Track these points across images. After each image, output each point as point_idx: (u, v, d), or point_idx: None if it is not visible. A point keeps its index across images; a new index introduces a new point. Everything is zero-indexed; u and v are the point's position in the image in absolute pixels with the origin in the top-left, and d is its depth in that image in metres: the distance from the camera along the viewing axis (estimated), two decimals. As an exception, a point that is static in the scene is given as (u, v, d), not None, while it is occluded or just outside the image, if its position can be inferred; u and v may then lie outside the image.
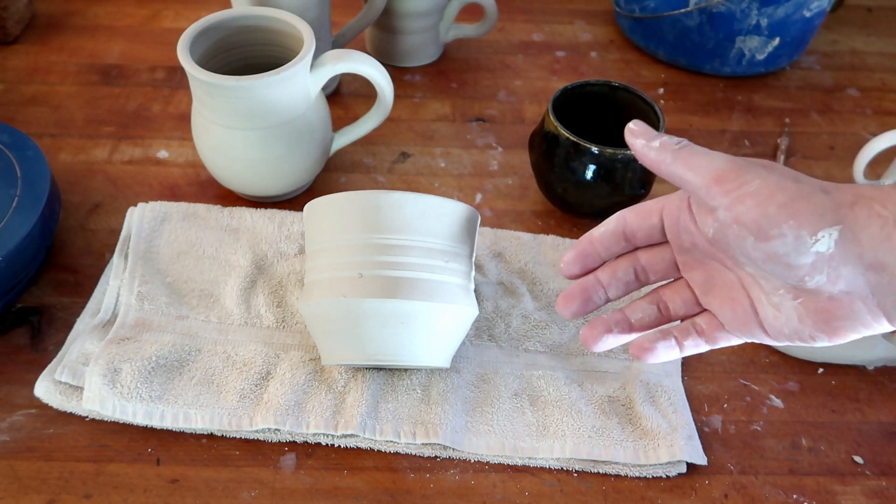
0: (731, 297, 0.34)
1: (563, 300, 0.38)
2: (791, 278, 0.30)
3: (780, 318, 0.32)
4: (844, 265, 0.29)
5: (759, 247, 0.30)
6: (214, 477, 0.42)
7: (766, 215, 0.29)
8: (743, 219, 0.30)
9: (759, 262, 0.31)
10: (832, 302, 0.30)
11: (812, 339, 0.32)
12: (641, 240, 0.37)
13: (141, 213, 0.54)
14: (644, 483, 0.43)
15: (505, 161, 0.64)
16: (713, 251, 0.34)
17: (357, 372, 0.46)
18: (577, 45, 0.78)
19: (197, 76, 0.48)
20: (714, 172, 0.31)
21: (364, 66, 0.53)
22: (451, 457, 0.44)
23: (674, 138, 0.33)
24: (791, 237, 0.29)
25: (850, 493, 0.43)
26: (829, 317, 0.31)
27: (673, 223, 0.35)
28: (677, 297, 0.37)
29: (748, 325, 0.34)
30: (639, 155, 0.34)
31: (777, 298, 0.32)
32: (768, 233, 0.29)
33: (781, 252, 0.30)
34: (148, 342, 0.46)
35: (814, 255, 0.29)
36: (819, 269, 0.29)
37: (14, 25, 0.71)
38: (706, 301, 0.35)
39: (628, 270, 0.37)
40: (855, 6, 0.86)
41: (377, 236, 0.41)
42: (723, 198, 0.31)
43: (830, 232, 0.29)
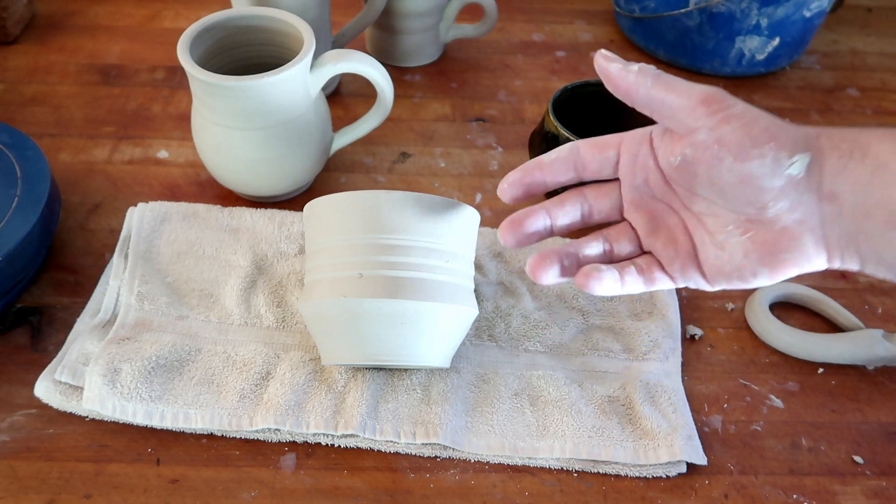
0: (673, 238, 0.35)
1: (508, 226, 0.36)
2: (754, 205, 0.32)
3: (723, 257, 0.33)
4: (807, 192, 0.31)
5: (735, 168, 0.31)
6: (214, 477, 0.42)
7: (750, 136, 0.31)
8: (727, 139, 0.31)
9: (726, 188, 0.32)
10: (783, 233, 0.32)
11: (753, 275, 0.33)
12: (591, 173, 0.37)
13: (141, 213, 0.54)
14: (644, 483, 0.43)
15: (505, 161, 0.64)
16: (664, 190, 0.35)
17: (357, 372, 0.46)
18: (577, 45, 0.78)
19: (197, 76, 0.48)
20: (700, 95, 0.32)
21: (364, 66, 0.53)
22: (451, 457, 0.44)
23: (650, 66, 0.34)
24: (770, 158, 0.31)
25: (850, 493, 0.43)
26: (776, 249, 0.32)
27: (630, 157, 0.36)
28: (622, 237, 0.37)
29: (687, 267, 0.35)
30: (614, 79, 0.34)
31: (723, 236, 0.33)
32: (750, 153, 0.31)
33: (757, 174, 0.31)
34: (148, 342, 0.46)
35: (786, 178, 0.31)
36: (786, 193, 0.31)
37: (14, 25, 0.71)
38: (648, 243, 0.36)
39: (575, 204, 0.37)
40: (855, 6, 0.86)
41: (377, 236, 0.41)
42: (707, 118, 0.32)
43: (803, 157, 0.31)
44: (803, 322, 0.52)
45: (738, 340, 0.51)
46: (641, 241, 0.37)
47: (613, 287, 0.35)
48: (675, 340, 0.50)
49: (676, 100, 0.32)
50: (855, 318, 0.51)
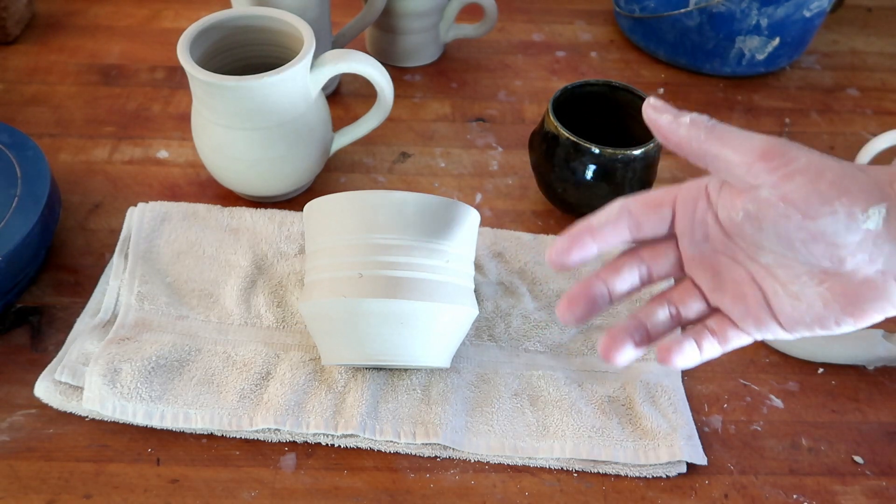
0: (742, 292, 0.33)
1: (567, 304, 0.34)
2: (831, 259, 0.30)
3: (800, 307, 0.31)
4: (886, 242, 0.29)
5: (806, 226, 0.29)
6: (214, 477, 0.42)
7: (817, 192, 0.29)
8: (792, 196, 0.29)
9: (796, 244, 0.30)
10: (865, 284, 0.30)
11: (837, 324, 0.31)
12: (646, 233, 0.34)
13: (141, 213, 0.54)
14: (644, 483, 0.43)
15: (505, 161, 0.64)
16: (726, 243, 0.33)
17: (357, 372, 0.46)
18: (577, 45, 0.78)
19: (197, 76, 0.48)
20: (758, 149, 0.30)
21: (364, 66, 0.53)
22: (451, 457, 0.44)
23: (703, 115, 0.31)
24: (843, 214, 0.28)
25: (850, 493, 0.43)
26: (859, 299, 0.30)
27: (687, 214, 0.34)
28: (687, 299, 0.35)
29: (762, 319, 0.33)
30: (664, 132, 0.32)
31: (797, 287, 0.31)
32: (819, 210, 0.29)
33: (830, 230, 0.29)
34: (148, 342, 0.46)
35: (863, 232, 0.29)
36: (864, 247, 0.29)
37: (14, 25, 0.71)
38: (716, 298, 0.34)
39: (632, 269, 0.35)
40: (855, 6, 0.86)
41: (377, 236, 0.41)
42: (768, 175, 0.29)
43: (879, 209, 0.28)
44: (803, 322, 0.52)
45: (738, 340, 0.51)
46: (707, 298, 0.35)
47: (694, 358, 0.34)
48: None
49: (733, 155, 0.30)
50: (855, 318, 0.51)
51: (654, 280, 0.36)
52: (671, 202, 0.34)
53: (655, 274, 0.36)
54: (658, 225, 0.34)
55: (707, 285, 0.34)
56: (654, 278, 0.36)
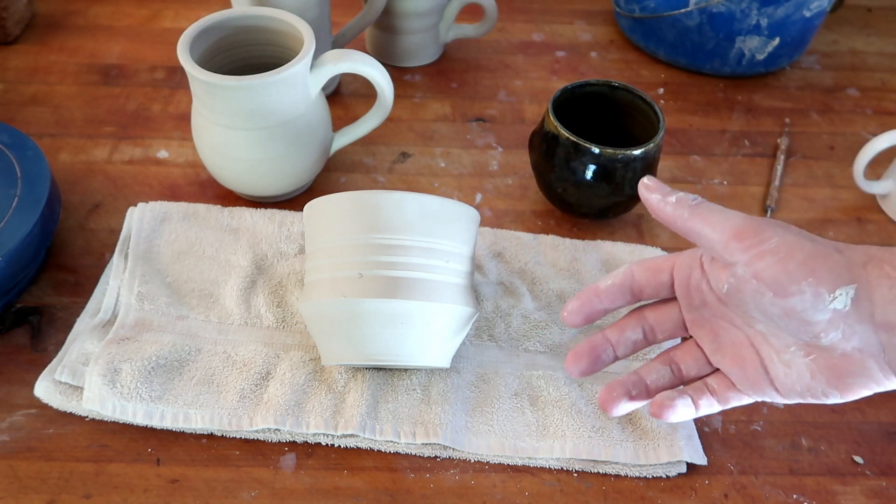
0: (741, 355, 0.34)
1: (573, 359, 0.38)
2: (806, 334, 0.31)
3: (792, 376, 0.32)
4: (858, 323, 0.30)
5: (777, 303, 0.31)
6: (214, 477, 0.42)
7: (786, 272, 0.30)
8: (763, 275, 0.31)
9: (774, 318, 0.31)
10: (844, 359, 0.31)
11: (825, 395, 0.32)
12: (649, 295, 0.37)
13: (141, 213, 0.54)
14: (644, 483, 0.43)
15: (505, 161, 0.64)
16: (723, 310, 0.34)
17: (357, 372, 0.46)
18: (577, 45, 0.78)
19: (197, 76, 0.48)
20: (733, 228, 0.31)
21: (364, 66, 0.53)
22: (451, 457, 0.44)
23: (689, 195, 0.34)
24: (809, 294, 0.30)
25: (850, 493, 0.43)
26: (841, 373, 0.31)
27: (683, 281, 0.36)
28: (688, 358, 0.37)
29: (759, 383, 0.34)
30: (654, 210, 0.34)
31: (788, 356, 0.32)
32: (787, 289, 0.30)
33: (799, 308, 0.30)
34: (148, 342, 0.46)
35: (831, 311, 0.30)
36: (835, 325, 0.30)
37: (14, 25, 0.71)
38: (716, 360, 0.36)
39: (636, 329, 0.38)
40: (855, 6, 0.86)
41: (377, 236, 0.41)
42: (742, 254, 0.31)
43: (847, 290, 0.30)
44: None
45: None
46: (709, 359, 0.36)
47: (688, 414, 0.36)
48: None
49: (711, 233, 0.32)
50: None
51: (657, 339, 0.38)
52: (670, 269, 0.36)
53: (659, 333, 0.38)
54: (658, 289, 0.37)
55: (708, 347, 0.36)
56: (659, 337, 0.38)
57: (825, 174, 0.65)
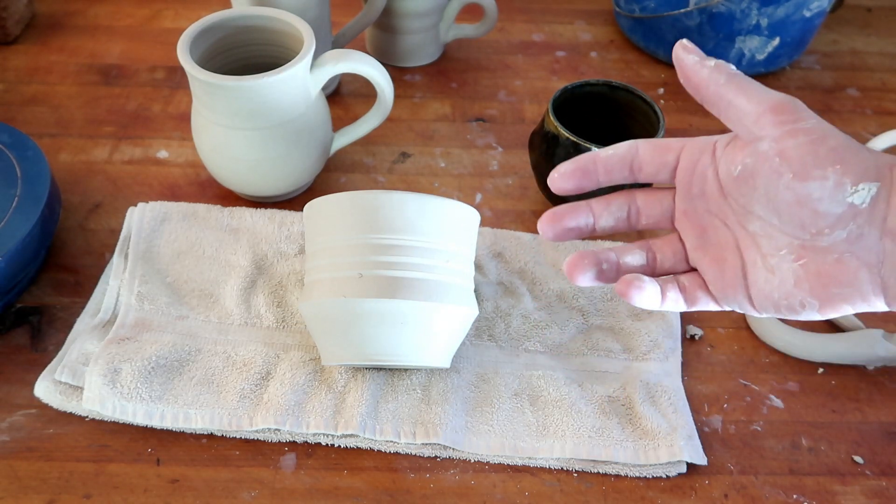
0: (722, 256, 0.33)
1: (548, 217, 0.35)
2: (810, 228, 0.30)
3: (772, 282, 0.31)
4: (868, 225, 0.29)
5: (794, 187, 0.29)
6: (214, 477, 0.42)
7: (814, 154, 0.29)
8: (789, 153, 0.29)
9: (780, 207, 0.30)
10: (838, 265, 0.30)
11: (802, 306, 0.31)
12: (646, 175, 0.35)
13: (141, 213, 0.54)
14: (644, 483, 0.43)
15: (505, 161, 0.64)
16: (720, 204, 0.33)
17: (357, 372, 0.46)
18: (577, 45, 0.78)
19: (197, 76, 0.48)
20: (771, 102, 0.30)
21: (364, 66, 0.53)
22: (451, 457, 0.44)
23: (728, 63, 0.32)
24: (832, 182, 0.29)
25: (850, 493, 0.43)
26: (828, 281, 0.30)
27: (689, 165, 0.34)
28: (668, 249, 0.35)
29: (734, 288, 0.33)
30: (687, 71, 0.32)
31: (775, 260, 0.31)
32: (811, 173, 0.29)
33: (816, 196, 0.29)
34: (148, 342, 0.46)
35: (846, 205, 0.29)
36: (844, 222, 0.29)
37: (14, 25, 0.71)
38: (695, 258, 0.34)
39: (622, 207, 0.36)
40: (855, 6, 0.86)
41: (377, 236, 0.41)
42: (773, 128, 0.30)
43: (870, 186, 0.28)
44: (803, 322, 0.52)
45: (738, 340, 0.51)
46: (688, 257, 0.35)
47: (653, 301, 0.34)
48: (675, 340, 0.50)
49: (746, 104, 0.30)
50: (855, 317, 0.51)
51: (641, 223, 0.36)
52: (678, 150, 0.34)
53: (644, 217, 0.36)
54: (660, 169, 0.35)
55: (691, 243, 0.35)
56: (643, 222, 0.36)
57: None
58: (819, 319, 0.32)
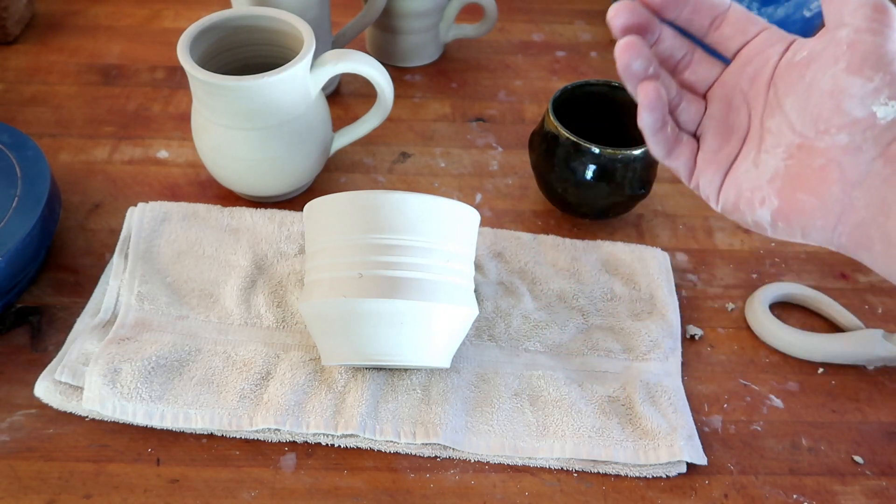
0: (727, 137, 0.34)
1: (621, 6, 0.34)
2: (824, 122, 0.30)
3: (750, 174, 0.32)
4: (872, 142, 0.30)
5: (839, 76, 0.30)
6: (214, 477, 0.42)
7: (878, 56, 0.29)
8: (859, 46, 0.30)
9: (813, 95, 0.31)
10: (818, 172, 0.30)
11: (761, 203, 0.32)
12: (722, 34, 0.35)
13: (141, 213, 0.54)
14: (644, 483, 0.43)
15: (505, 161, 0.64)
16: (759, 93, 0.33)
17: (357, 372, 0.46)
18: (577, 45, 0.78)
19: (197, 76, 0.48)
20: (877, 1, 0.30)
21: (364, 66, 0.53)
22: (451, 457, 0.44)
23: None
24: (873, 86, 0.29)
25: (850, 493, 0.43)
26: (800, 185, 0.31)
27: (763, 44, 0.34)
28: (692, 108, 0.36)
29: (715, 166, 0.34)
30: None
31: (766, 155, 0.32)
32: (863, 69, 0.29)
33: (851, 91, 0.30)
34: (148, 342, 0.46)
35: (869, 112, 0.30)
36: (855, 128, 0.30)
37: (14, 25, 0.71)
38: (706, 126, 0.35)
39: (684, 48, 0.36)
40: (855, 6, 0.86)
41: (377, 236, 0.41)
42: (864, 21, 0.30)
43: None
44: (803, 322, 0.52)
45: (738, 340, 0.51)
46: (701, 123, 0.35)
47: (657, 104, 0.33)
48: (675, 340, 0.50)
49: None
50: (855, 318, 0.51)
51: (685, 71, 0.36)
52: (762, 27, 0.34)
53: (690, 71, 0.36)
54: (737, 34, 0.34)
55: (710, 112, 0.35)
56: (685, 73, 0.36)
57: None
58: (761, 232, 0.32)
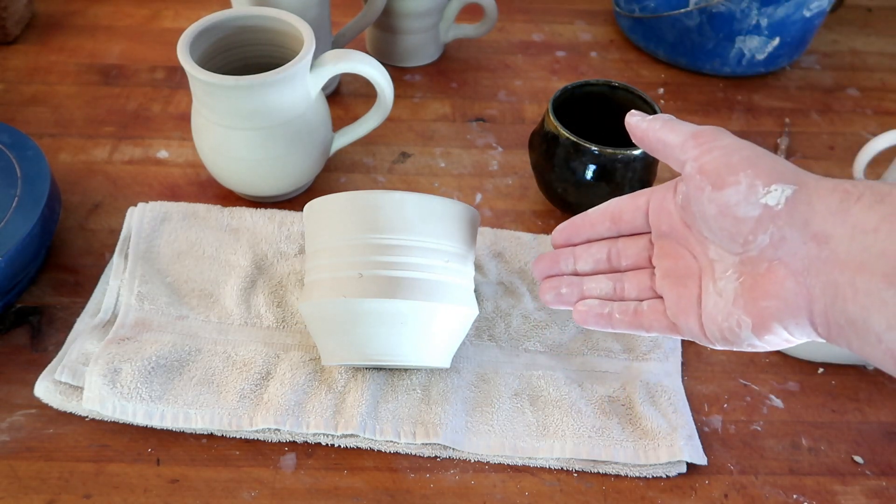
0: (684, 283, 0.35)
1: (536, 262, 0.41)
2: (736, 237, 0.31)
3: (718, 304, 0.33)
4: (790, 227, 0.30)
5: (714, 197, 0.31)
6: (214, 477, 0.42)
7: (727, 164, 0.31)
8: (706, 167, 0.32)
9: (709, 220, 0.32)
10: (767, 275, 0.31)
11: (738, 326, 0.32)
12: (626, 222, 0.38)
13: (141, 213, 0.54)
14: (644, 483, 0.43)
15: (505, 161, 0.64)
16: (685, 234, 0.35)
17: (357, 372, 0.46)
18: (577, 45, 0.78)
19: (197, 76, 0.48)
20: (693, 131, 0.34)
21: (364, 66, 0.53)
22: (451, 457, 0.44)
23: (668, 115, 0.36)
24: (745, 185, 0.31)
25: (850, 493, 0.43)
26: (759, 294, 0.31)
27: (657, 205, 0.37)
28: (635, 281, 0.38)
29: (686, 313, 0.35)
30: (633, 128, 0.36)
31: (723, 282, 0.33)
32: (726, 179, 0.31)
33: (733, 201, 0.31)
34: (148, 342, 0.46)
35: (762, 207, 0.30)
36: (764, 226, 0.30)
37: (14, 25, 0.71)
38: (661, 285, 0.37)
39: (601, 249, 0.39)
40: (855, 6, 0.86)
41: (377, 236, 0.41)
42: (693, 150, 0.33)
43: (784, 188, 0.30)
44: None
45: (738, 340, 0.51)
46: (656, 285, 0.37)
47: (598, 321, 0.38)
48: (676, 340, 0.50)
49: (674, 137, 0.34)
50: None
51: (620, 265, 0.39)
52: (648, 194, 0.38)
53: (624, 258, 0.39)
54: (635, 215, 0.38)
55: (661, 272, 0.37)
56: (623, 263, 0.39)
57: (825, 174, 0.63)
58: (761, 349, 0.33)
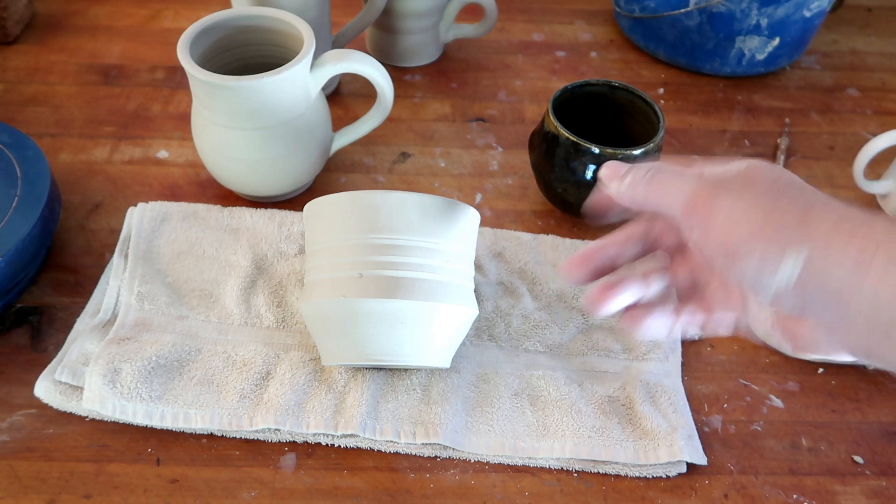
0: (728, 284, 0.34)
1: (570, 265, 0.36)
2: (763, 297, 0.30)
3: (760, 317, 0.33)
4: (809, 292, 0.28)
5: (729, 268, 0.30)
6: (214, 477, 0.42)
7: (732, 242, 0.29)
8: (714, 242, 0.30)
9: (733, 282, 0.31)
10: (800, 323, 0.30)
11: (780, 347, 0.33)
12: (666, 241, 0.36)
13: (141, 213, 0.54)
14: (644, 483, 0.43)
15: (505, 161, 0.64)
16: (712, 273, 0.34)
17: (357, 372, 0.46)
18: (577, 45, 0.78)
19: (197, 76, 0.48)
20: (683, 203, 0.31)
21: (364, 66, 0.53)
22: (451, 457, 0.44)
23: (642, 168, 0.32)
24: (757, 258, 0.28)
25: (850, 493, 0.43)
26: (797, 334, 0.31)
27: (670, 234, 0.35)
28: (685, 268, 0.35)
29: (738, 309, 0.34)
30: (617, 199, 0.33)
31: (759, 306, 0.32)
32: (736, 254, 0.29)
33: (749, 275, 0.29)
34: (148, 342, 0.46)
35: (776, 285, 0.28)
36: (783, 297, 0.29)
37: (14, 25, 0.71)
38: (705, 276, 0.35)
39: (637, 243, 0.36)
40: (855, 6, 0.86)
41: (377, 236, 0.41)
42: (690, 233, 0.31)
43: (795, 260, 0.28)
44: (803, 322, 0.52)
45: (738, 340, 0.51)
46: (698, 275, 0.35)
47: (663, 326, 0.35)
48: (675, 340, 0.50)
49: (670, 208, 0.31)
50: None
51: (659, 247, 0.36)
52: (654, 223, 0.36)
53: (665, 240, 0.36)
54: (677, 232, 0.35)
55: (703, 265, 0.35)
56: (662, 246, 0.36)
57: (825, 174, 0.65)
58: None
